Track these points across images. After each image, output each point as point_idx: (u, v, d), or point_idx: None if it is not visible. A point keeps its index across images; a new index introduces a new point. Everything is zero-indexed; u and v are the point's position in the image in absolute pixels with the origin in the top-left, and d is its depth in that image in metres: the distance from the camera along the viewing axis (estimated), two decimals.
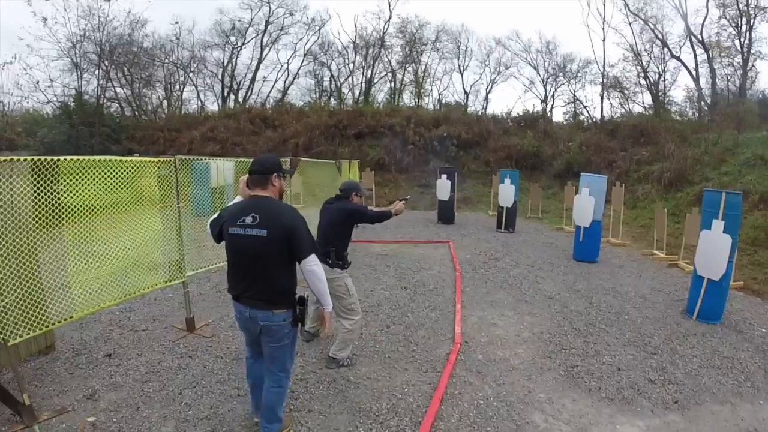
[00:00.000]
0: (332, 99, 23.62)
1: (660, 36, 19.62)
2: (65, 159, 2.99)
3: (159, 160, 3.75)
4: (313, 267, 2.31)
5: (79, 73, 17.49)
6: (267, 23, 22.45)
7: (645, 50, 20.35)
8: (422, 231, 10.17)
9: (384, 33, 23.11)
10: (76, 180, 3.02)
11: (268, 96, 23.61)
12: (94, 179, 3.12)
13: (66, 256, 3.07)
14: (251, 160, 2.61)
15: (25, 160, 2.99)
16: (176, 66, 21.77)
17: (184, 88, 22.92)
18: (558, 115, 23.01)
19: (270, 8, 22.21)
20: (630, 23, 20.14)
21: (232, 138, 16.82)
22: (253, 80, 23.36)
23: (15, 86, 17.49)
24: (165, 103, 22.35)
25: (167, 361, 3.76)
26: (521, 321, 4.83)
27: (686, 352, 4.15)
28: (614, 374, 3.68)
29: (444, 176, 11.32)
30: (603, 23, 19.39)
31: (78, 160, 3.05)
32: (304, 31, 23.35)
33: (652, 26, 19.54)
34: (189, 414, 3.02)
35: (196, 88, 22.96)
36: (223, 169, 8.56)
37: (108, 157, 3.26)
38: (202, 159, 4.32)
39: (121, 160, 3.31)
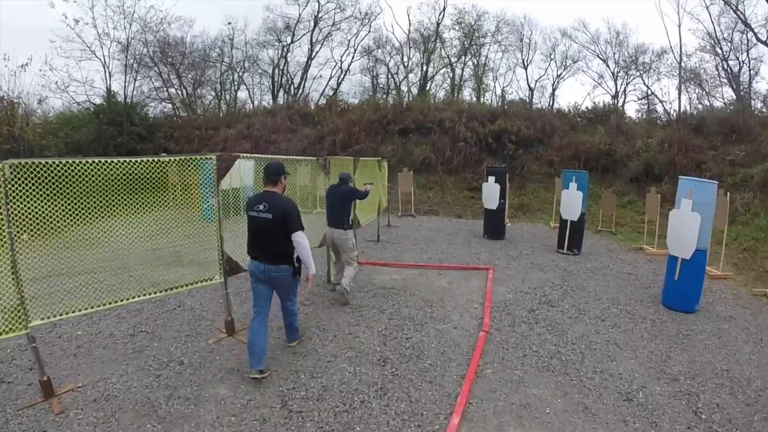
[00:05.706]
0: (390, 97, 22.06)
1: (742, 17, 16.81)
2: None
3: None
4: (299, 239, 3.38)
5: (107, 72, 17.33)
6: (317, 19, 21.49)
7: (724, 38, 17.73)
8: (459, 249, 8.03)
9: (439, 24, 21.30)
10: None
11: (321, 94, 22.65)
12: None
13: None
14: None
15: None
16: (229, 67, 21.54)
17: (239, 87, 22.78)
18: (630, 112, 20.24)
19: (319, 3, 21.31)
20: (707, 6, 17.55)
21: (267, 135, 15.96)
22: (304, 78, 22.62)
23: (40, 87, 17.51)
24: (217, 102, 22.35)
25: (176, 361, 3.83)
26: None
27: None
28: None
29: (492, 178, 8.94)
30: (678, 7, 16.36)
31: None
32: (357, 27, 22.23)
33: (734, 6, 16.69)
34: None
35: (247, 87, 22.75)
36: (239, 169, 7.38)
37: None
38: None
39: None
